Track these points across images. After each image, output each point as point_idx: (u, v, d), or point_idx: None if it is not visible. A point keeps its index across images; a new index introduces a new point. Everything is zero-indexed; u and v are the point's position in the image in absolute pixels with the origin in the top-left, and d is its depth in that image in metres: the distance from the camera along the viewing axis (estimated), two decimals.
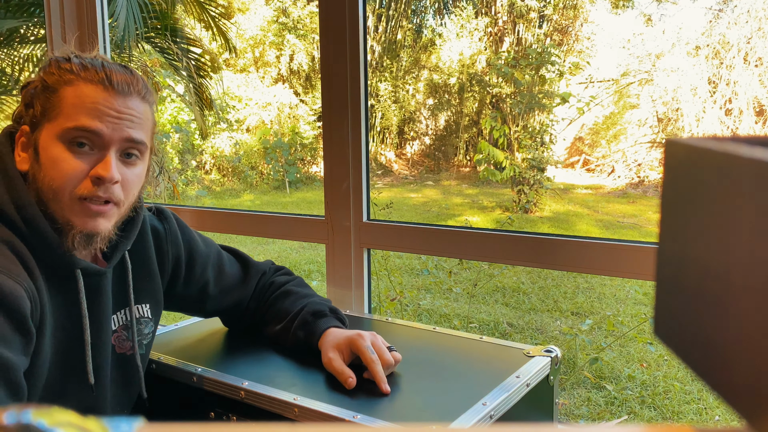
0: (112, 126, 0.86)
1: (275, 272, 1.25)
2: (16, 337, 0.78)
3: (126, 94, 0.89)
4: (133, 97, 0.90)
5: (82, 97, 0.86)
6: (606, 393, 3.01)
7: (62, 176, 0.85)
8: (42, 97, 0.87)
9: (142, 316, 1.04)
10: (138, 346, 1.02)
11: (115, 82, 0.88)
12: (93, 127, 0.85)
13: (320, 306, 1.11)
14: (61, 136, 0.85)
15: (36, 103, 0.87)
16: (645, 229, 6.06)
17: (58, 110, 0.86)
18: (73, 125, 0.85)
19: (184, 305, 1.17)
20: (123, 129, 0.87)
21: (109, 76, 0.87)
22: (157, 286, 1.06)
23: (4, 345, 0.76)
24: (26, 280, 0.81)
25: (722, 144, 0.23)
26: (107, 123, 0.86)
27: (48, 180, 0.85)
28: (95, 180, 0.86)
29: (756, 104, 6.92)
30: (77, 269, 0.90)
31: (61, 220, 0.86)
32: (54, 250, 0.86)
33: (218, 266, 1.16)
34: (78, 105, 0.85)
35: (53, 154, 0.85)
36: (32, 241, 0.85)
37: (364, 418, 0.85)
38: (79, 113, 0.85)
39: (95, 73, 0.87)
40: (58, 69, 0.88)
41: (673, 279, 0.26)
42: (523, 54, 8.06)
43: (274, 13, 9.98)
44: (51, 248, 0.86)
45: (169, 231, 1.09)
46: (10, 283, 0.78)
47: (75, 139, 0.85)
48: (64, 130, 0.85)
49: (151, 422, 0.21)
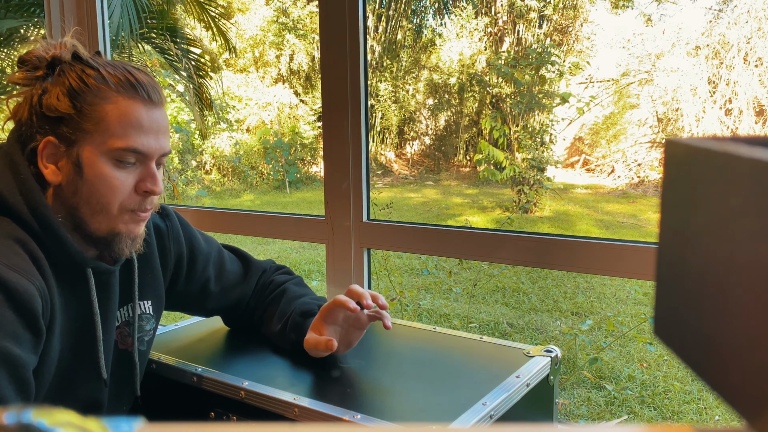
0: (155, 142, 0.89)
1: (275, 271, 1.25)
2: (27, 335, 0.79)
3: (160, 104, 0.91)
4: (162, 106, 0.92)
5: (128, 115, 0.87)
6: (606, 393, 3.01)
7: (112, 193, 0.87)
8: (74, 112, 0.86)
9: (144, 312, 1.05)
10: (139, 342, 1.03)
11: (150, 92, 0.89)
12: (143, 148, 0.88)
13: (309, 305, 1.11)
14: (109, 153, 0.86)
15: (66, 119, 0.86)
16: (645, 229, 6.06)
17: (102, 129, 0.86)
18: (123, 146, 0.86)
19: (186, 303, 1.17)
20: (162, 143, 0.90)
21: (142, 84, 0.88)
22: (159, 283, 1.07)
23: (15, 342, 0.77)
24: (38, 279, 0.82)
25: (722, 144, 0.23)
26: (151, 140, 0.89)
27: (96, 196, 0.87)
28: (144, 194, 0.90)
29: (756, 104, 6.92)
30: (88, 268, 0.91)
31: (106, 230, 0.89)
32: (67, 250, 0.87)
33: (219, 264, 1.17)
34: (124, 124, 0.86)
35: (101, 172, 0.87)
36: (45, 241, 0.86)
37: (364, 418, 0.85)
38: (127, 133, 0.87)
39: (130, 86, 0.87)
40: (85, 77, 0.86)
41: (673, 279, 0.26)
42: (523, 54, 8.06)
43: (274, 13, 9.97)
44: (63, 248, 0.87)
45: (172, 229, 1.10)
46: (24, 282, 0.79)
47: (123, 158, 0.87)
48: (114, 150, 0.86)
49: (151, 422, 0.21)
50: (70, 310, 0.90)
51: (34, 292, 0.80)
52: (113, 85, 0.87)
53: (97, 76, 0.87)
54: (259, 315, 1.19)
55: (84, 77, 0.86)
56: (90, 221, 0.89)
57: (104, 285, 0.95)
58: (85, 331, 0.93)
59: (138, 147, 0.87)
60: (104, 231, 0.89)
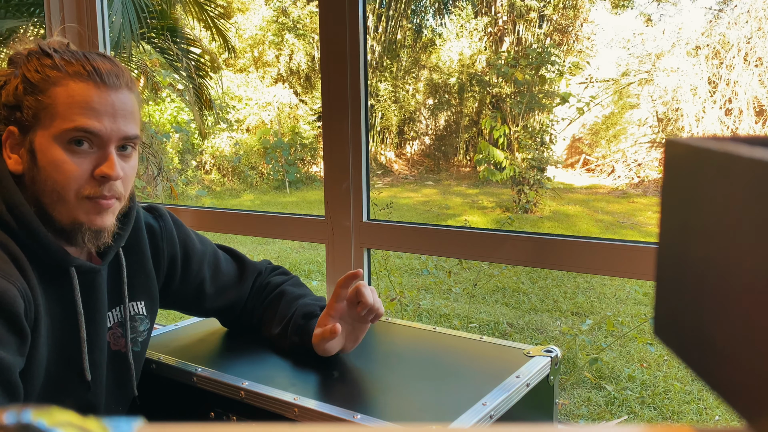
0: (109, 124, 0.86)
1: (271, 272, 1.24)
2: (11, 337, 0.78)
3: (117, 88, 0.88)
4: (123, 90, 0.89)
5: (75, 96, 0.85)
6: (606, 393, 3.01)
7: (65, 178, 0.85)
8: (29, 98, 0.86)
9: (137, 313, 1.03)
10: (132, 343, 1.02)
11: (105, 76, 0.87)
12: (91, 127, 0.85)
13: (311, 307, 1.11)
14: (59, 137, 0.85)
15: (23, 105, 0.86)
16: (645, 229, 6.06)
17: (50, 112, 0.85)
18: (71, 126, 0.84)
19: (181, 304, 1.16)
20: (120, 126, 0.87)
21: (97, 69, 0.87)
22: (152, 283, 1.06)
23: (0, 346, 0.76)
24: (19, 280, 0.81)
25: (722, 144, 0.23)
26: (104, 121, 0.86)
27: (51, 183, 0.85)
28: (100, 179, 0.87)
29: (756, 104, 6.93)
30: (71, 267, 0.90)
31: (67, 221, 0.87)
32: (47, 249, 0.86)
33: (214, 265, 1.16)
34: (72, 104, 0.85)
35: (53, 157, 0.85)
36: (25, 241, 0.85)
37: (364, 418, 0.85)
38: (74, 113, 0.85)
39: (82, 68, 0.86)
40: (41, 66, 0.86)
41: (673, 279, 0.26)
42: (523, 54, 8.06)
43: (273, 13, 9.97)
44: (44, 247, 0.86)
45: (165, 228, 1.09)
46: (2, 282, 0.78)
47: (73, 140, 0.85)
48: (62, 132, 0.85)
49: (151, 422, 0.21)
50: (55, 310, 0.89)
51: (15, 293, 0.79)
52: (65, 71, 0.86)
53: (52, 64, 0.86)
54: (258, 317, 1.18)
55: (39, 67, 0.86)
56: (52, 212, 0.87)
57: (89, 285, 0.94)
58: (70, 332, 0.91)
59: (86, 126, 0.85)
60: (66, 221, 0.87)
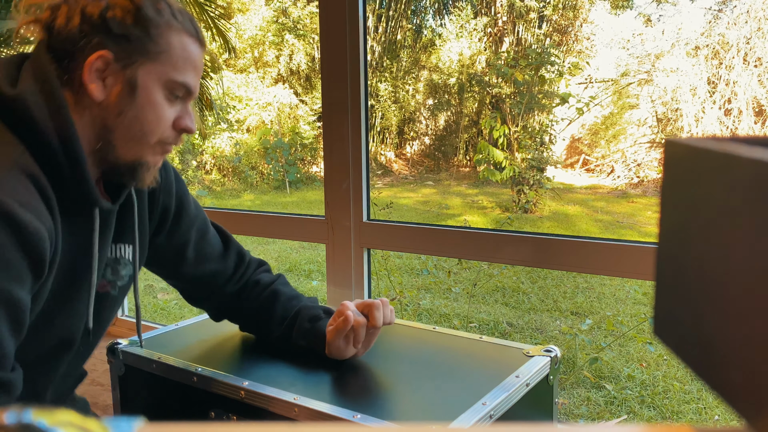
0: (198, 84, 0.90)
1: (258, 266, 1.21)
2: (30, 276, 0.76)
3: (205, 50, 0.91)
4: None
5: (189, 51, 0.88)
6: (605, 393, 3.01)
7: (158, 122, 0.87)
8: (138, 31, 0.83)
9: (121, 256, 1.01)
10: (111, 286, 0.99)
11: (204, 40, 0.90)
12: (193, 86, 0.89)
13: (314, 310, 1.11)
14: (167, 84, 0.86)
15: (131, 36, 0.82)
16: (645, 229, 6.06)
17: (165, 55, 0.85)
18: (180, 80, 0.87)
19: (160, 262, 1.12)
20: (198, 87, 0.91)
21: (199, 31, 0.89)
22: (144, 229, 1.04)
23: (19, 284, 0.75)
24: (48, 221, 0.78)
25: (722, 144, 0.23)
26: (197, 81, 0.90)
27: (141, 121, 0.86)
28: (181, 131, 0.90)
29: (755, 104, 6.93)
30: (96, 207, 0.89)
31: (131, 159, 0.88)
32: (82, 189, 0.84)
33: (202, 231, 1.13)
34: (186, 59, 0.87)
35: (155, 99, 0.86)
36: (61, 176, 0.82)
37: (364, 418, 0.85)
38: (186, 68, 0.87)
39: (191, 26, 0.89)
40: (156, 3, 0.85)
41: (673, 279, 0.26)
42: (522, 54, 8.07)
43: (273, 14, 9.97)
44: (80, 186, 0.83)
45: (165, 179, 1.07)
46: (36, 223, 0.75)
47: (175, 91, 0.88)
48: (171, 81, 0.86)
49: (151, 422, 0.21)
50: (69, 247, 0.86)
51: (44, 234, 0.76)
52: (179, 18, 0.87)
53: (166, 5, 0.86)
54: (249, 315, 1.17)
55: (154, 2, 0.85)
56: (120, 146, 0.86)
57: (103, 224, 0.92)
58: (80, 270, 0.90)
59: (191, 84, 0.88)
60: (130, 159, 0.87)
